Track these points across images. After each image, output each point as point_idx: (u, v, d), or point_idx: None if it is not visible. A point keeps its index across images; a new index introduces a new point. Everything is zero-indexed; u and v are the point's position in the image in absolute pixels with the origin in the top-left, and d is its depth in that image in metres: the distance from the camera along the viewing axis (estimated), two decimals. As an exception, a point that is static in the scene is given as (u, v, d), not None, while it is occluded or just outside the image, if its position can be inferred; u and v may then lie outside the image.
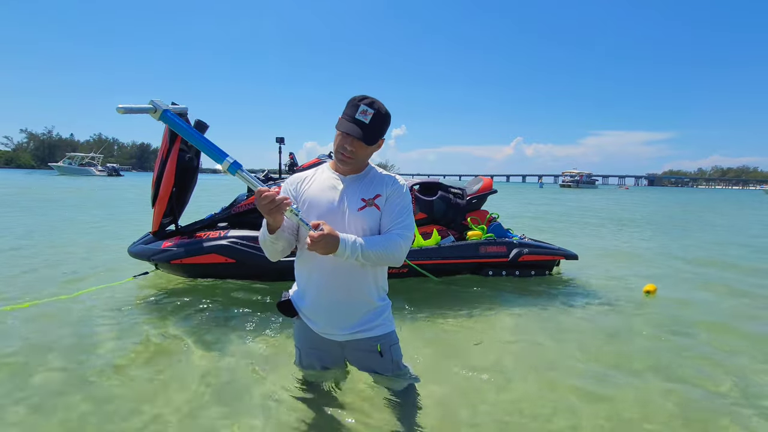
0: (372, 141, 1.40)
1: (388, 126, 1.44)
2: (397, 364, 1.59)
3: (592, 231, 8.82)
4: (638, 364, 2.35)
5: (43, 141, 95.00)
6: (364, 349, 1.54)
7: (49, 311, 2.91)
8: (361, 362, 1.59)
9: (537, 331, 2.85)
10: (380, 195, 1.45)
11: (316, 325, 1.51)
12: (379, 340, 1.53)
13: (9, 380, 2.00)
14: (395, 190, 1.47)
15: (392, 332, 1.57)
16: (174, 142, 3.37)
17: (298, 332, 1.62)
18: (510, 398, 1.98)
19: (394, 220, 1.44)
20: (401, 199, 1.47)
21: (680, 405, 1.95)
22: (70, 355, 2.27)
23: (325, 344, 1.54)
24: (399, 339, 1.60)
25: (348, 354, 1.58)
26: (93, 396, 1.88)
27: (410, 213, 1.48)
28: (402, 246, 1.41)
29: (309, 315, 1.52)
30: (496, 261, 3.97)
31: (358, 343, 1.52)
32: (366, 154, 1.45)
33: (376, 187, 1.47)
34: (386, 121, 1.42)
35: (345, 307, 1.47)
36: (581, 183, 72.24)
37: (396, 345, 1.58)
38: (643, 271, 4.80)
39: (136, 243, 3.55)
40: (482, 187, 4.35)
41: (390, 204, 1.45)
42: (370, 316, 1.50)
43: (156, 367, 2.18)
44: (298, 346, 1.64)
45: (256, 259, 3.36)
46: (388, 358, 1.55)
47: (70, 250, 5.05)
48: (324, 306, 1.48)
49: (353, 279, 1.44)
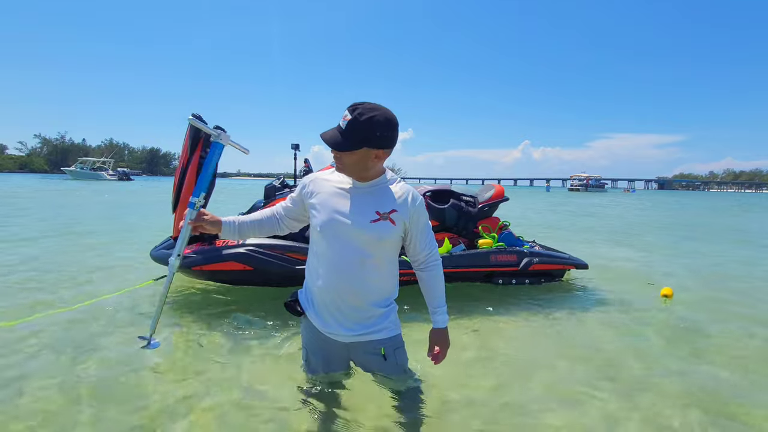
0: (345, 147, 1.32)
1: (373, 133, 1.31)
2: (402, 368, 1.60)
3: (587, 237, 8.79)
4: (655, 366, 2.38)
5: (56, 146, 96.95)
6: (369, 352, 1.55)
7: (74, 317, 3.01)
8: (366, 364, 1.60)
9: (546, 337, 2.88)
10: (396, 210, 1.43)
11: (321, 325, 1.53)
12: (384, 343, 1.53)
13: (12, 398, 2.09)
14: (418, 209, 1.47)
15: (397, 336, 1.57)
16: (195, 150, 3.48)
17: (305, 332, 1.64)
18: (516, 403, 1.99)
19: (427, 248, 1.53)
20: (424, 219, 1.50)
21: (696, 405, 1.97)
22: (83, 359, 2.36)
23: (330, 344, 1.55)
24: (405, 342, 1.62)
25: (353, 355, 1.60)
26: (97, 395, 1.96)
27: (430, 228, 1.55)
28: (441, 267, 1.58)
29: (315, 314, 1.54)
30: (506, 270, 4.02)
31: (363, 345, 1.53)
32: (354, 161, 1.36)
33: (393, 201, 1.44)
34: (366, 127, 1.30)
35: (349, 308, 1.47)
36: (590, 187, 71.70)
37: (401, 349, 1.59)
38: (657, 278, 4.81)
39: (158, 247, 3.66)
40: (494, 195, 4.38)
41: (418, 230, 1.49)
42: (376, 319, 1.50)
43: (164, 363, 2.27)
44: (304, 346, 1.67)
45: (273, 267, 3.44)
46: (393, 362, 1.56)
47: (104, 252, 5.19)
48: (329, 306, 1.49)
49: (359, 280, 1.44)
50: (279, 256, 3.50)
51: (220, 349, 2.52)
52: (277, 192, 4.21)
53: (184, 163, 3.49)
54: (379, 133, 1.33)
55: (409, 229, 1.48)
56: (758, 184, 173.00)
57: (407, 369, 1.64)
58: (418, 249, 1.52)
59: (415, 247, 1.52)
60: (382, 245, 1.43)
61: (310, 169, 4.91)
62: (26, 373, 2.17)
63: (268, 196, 4.20)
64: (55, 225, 8.15)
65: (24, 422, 1.75)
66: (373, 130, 1.32)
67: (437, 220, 4.14)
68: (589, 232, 9.72)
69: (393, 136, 1.38)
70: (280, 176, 4.53)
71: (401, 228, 1.45)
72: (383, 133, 1.34)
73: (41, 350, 2.44)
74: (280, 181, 4.36)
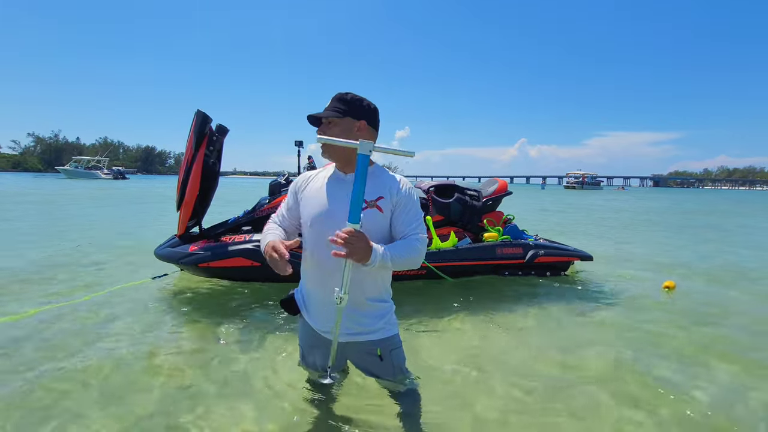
0: (329, 114, 1.40)
1: (356, 104, 1.41)
2: (398, 369, 1.57)
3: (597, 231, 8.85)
4: (662, 364, 2.40)
5: (50, 144, 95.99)
6: (364, 352, 1.52)
7: (69, 312, 3.00)
8: (362, 364, 1.58)
9: (552, 331, 2.90)
10: (383, 197, 1.41)
11: (316, 324, 1.51)
12: (379, 344, 1.50)
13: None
14: (404, 194, 1.43)
15: (394, 336, 1.53)
16: (199, 148, 3.47)
17: (301, 330, 1.62)
18: (518, 400, 1.96)
19: (408, 225, 1.42)
20: (411, 203, 1.44)
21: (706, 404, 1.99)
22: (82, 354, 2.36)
23: (325, 343, 1.51)
24: (403, 341, 1.58)
25: (349, 355, 1.58)
26: (105, 393, 1.97)
27: (420, 212, 1.47)
28: (421, 249, 1.42)
29: (309, 313, 1.53)
30: (512, 262, 4.04)
31: (358, 345, 1.50)
32: (337, 134, 1.39)
33: (379, 188, 1.41)
34: (349, 99, 1.41)
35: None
36: (585, 184, 71.95)
37: (398, 350, 1.55)
38: (659, 270, 4.85)
39: (162, 245, 3.64)
40: (497, 189, 4.41)
41: (402, 209, 1.42)
42: (371, 319, 1.47)
43: (163, 361, 2.26)
44: (300, 344, 1.66)
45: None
46: (389, 363, 1.53)
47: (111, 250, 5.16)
48: (323, 305, 1.46)
49: (352, 279, 1.36)
50: (286, 251, 3.49)
51: (226, 344, 2.53)
52: (282, 188, 4.21)
53: (189, 159, 3.47)
54: (361, 106, 1.43)
55: (394, 215, 1.42)
56: (751, 181, 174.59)
57: (404, 369, 1.60)
58: (400, 227, 1.42)
59: (399, 221, 1.42)
60: (371, 236, 1.34)
61: (314, 165, 4.91)
62: (35, 365, 2.17)
63: (273, 193, 4.20)
64: (60, 225, 8.09)
65: (38, 413, 1.76)
66: (355, 102, 1.43)
67: (442, 215, 4.16)
68: (589, 225, 9.78)
69: (375, 112, 1.47)
70: (285, 173, 4.52)
71: (389, 216, 1.42)
72: (368, 106, 1.44)
73: (47, 342, 2.43)
74: (284, 177, 4.36)
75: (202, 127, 3.41)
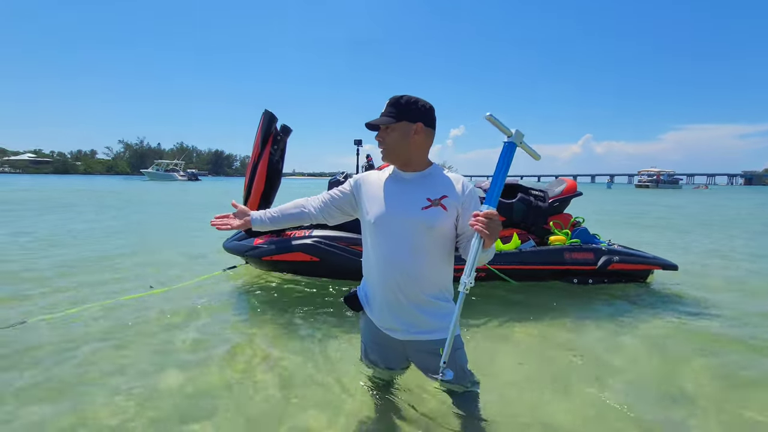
0: (385, 120, 1.42)
1: (411, 107, 1.42)
2: (460, 369, 1.54)
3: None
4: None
5: (136, 150, 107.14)
6: (426, 351, 1.50)
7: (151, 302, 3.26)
8: (423, 364, 1.56)
9: (624, 345, 2.62)
10: (447, 196, 1.43)
11: (378, 321, 1.54)
12: (441, 344, 1.45)
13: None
14: (470, 194, 1.46)
15: (456, 337, 1.50)
16: (265, 146, 3.65)
17: (364, 327, 1.65)
18: (577, 411, 1.86)
19: None
20: (476, 202, 1.45)
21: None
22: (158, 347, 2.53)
23: (387, 340, 1.54)
24: (464, 343, 1.57)
25: (409, 354, 1.57)
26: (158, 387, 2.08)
27: None
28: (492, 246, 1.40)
29: (372, 310, 1.55)
30: (582, 268, 3.74)
31: (419, 344, 1.50)
32: (395, 138, 1.43)
33: (442, 187, 1.45)
34: (404, 102, 1.42)
35: (399, 305, 1.46)
36: (661, 183, 65.10)
37: (460, 350, 1.54)
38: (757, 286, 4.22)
39: (230, 239, 3.88)
40: (566, 189, 4.12)
41: (468, 210, 1.43)
42: (431, 317, 1.47)
43: (230, 355, 2.36)
44: (363, 341, 1.68)
45: (338, 259, 3.49)
46: (451, 363, 1.50)
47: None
48: (382, 302, 1.49)
49: (412, 271, 1.42)
50: (344, 248, 3.54)
51: (281, 339, 2.60)
52: (340, 186, 4.26)
53: (256, 158, 3.67)
54: (416, 107, 1.43)
55: (461, 215, 1.44)
56: None
57: (466, 370, 1.58)
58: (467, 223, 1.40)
59: (468, 221, 1.39)
60: (434, 233, 1.41)
61: (372, 164, 4.94)
62: (98, 358, 2.37)
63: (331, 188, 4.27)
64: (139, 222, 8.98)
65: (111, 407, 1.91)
66: (410, 104, 1.43)
67: (504, 216, 3.97)
68: (668, 229, 8.84)
69: (431, 112, 1.47)
70: (344, 172, 4.59)
71: (454, 214, 1.43)
72: (423, 107, 1.44)
73: (132, 327, 2.67)
74: (343, 175, 4.42)
75: (269, 127, 3.58)
